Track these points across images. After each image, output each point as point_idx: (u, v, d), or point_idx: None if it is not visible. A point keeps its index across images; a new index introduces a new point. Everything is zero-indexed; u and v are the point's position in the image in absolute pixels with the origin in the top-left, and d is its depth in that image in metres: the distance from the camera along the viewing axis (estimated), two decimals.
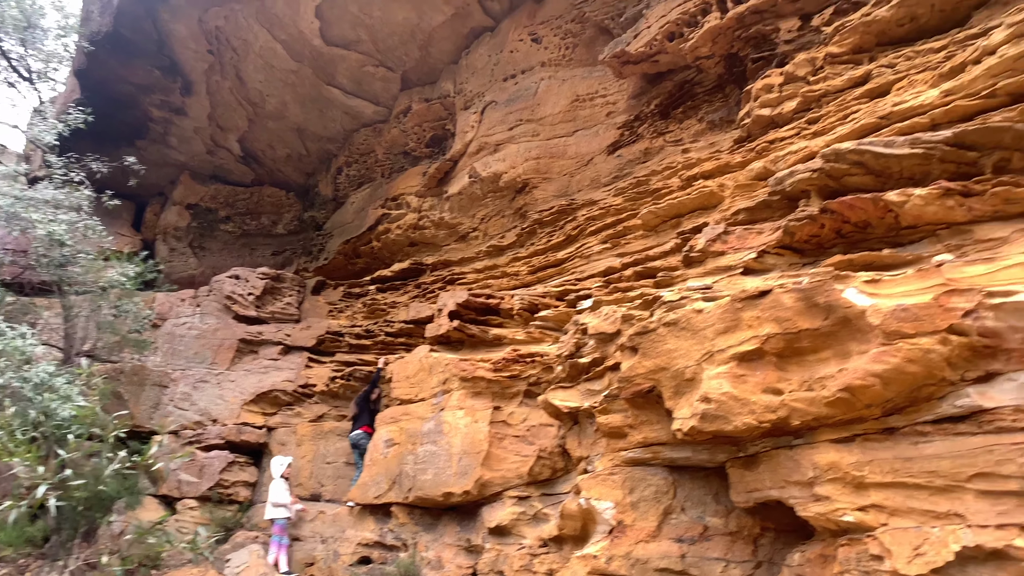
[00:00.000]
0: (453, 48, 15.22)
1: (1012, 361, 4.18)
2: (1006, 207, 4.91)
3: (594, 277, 9.91)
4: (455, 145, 14.55)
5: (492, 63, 14.35)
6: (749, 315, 5.16)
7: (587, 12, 13.04)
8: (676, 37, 10.71)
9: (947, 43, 7.51)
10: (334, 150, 18.61)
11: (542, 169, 12.70)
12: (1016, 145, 5.10)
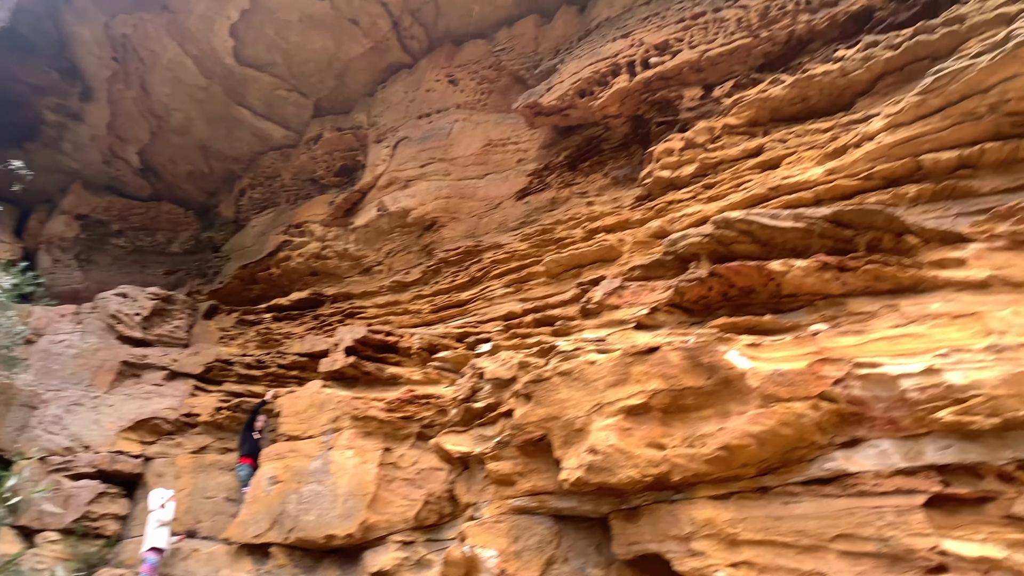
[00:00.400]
0: (369, 80, 15.23)
1: (875, 428, 4.47)
2: (876, 284, 5.28)
3: (495, 321, 9.99)
4: (365, 177, 14.46)
5: (408, 99, 14.43)
6: (638, 370, 5.32)
7: (504, 60, 13.35)
8: (587, 94, 11.09)
9: (833, 125, 8.09)
10: (239, 171, 18.12)
11: (451, 209, 12.78)
12: (887, 227, 5.51)
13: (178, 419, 12.87)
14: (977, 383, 4.18)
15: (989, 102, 6.32)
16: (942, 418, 4.20)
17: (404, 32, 14.17)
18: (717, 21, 10.42)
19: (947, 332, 4.72)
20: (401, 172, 13.56)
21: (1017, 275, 5.09)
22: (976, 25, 7.35)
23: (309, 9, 13.79)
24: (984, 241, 5.46)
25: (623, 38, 11.31)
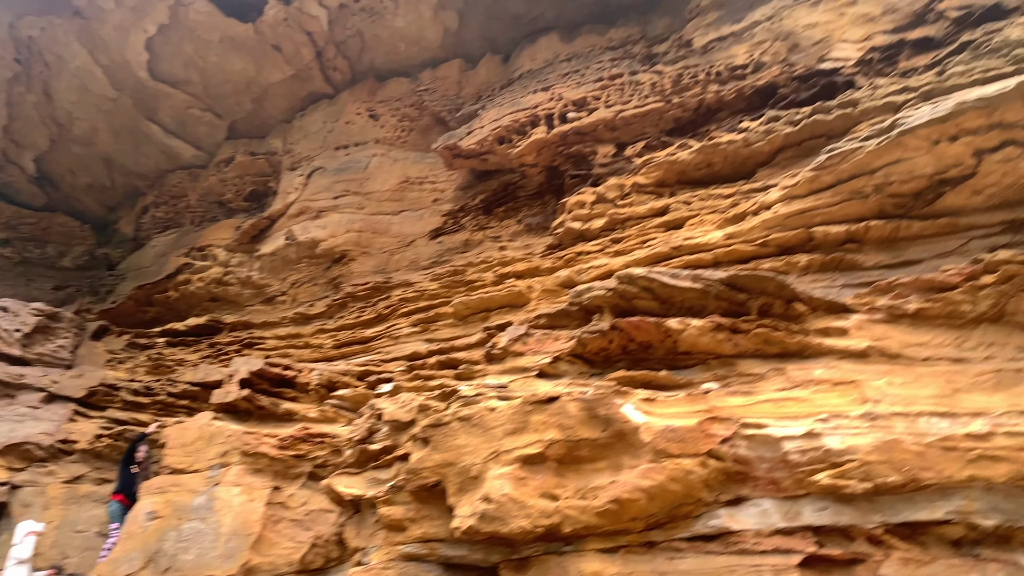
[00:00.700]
0: (288, 107, 15.05)
1: (758, 488, 4.63)
2: (766, 347, 5.52)
3: (399, 360, 9.87)
4: (276, 204, 14.18)
5: (327, 130, 14.31)
6: (537, 419, 5.35)
7: (426, 100, 13.46)
8: (506, 142, 11.29)
9: (734, 192, 8.50)
10: (143, 187, 17.44)
11: (363, 243, 12.65)
12: (778, 293, 5.79)
13: (53, 445, 12.02)
14: (852, 448, 4.41)
15: (875, 183, 6.79)
16: (819, 481, 4.40)
17: (327, 63, 14.12)
18: (633, 84, 10.86)
19: (828, 398, 4.97)
20: (314, 202, 13.36)
21: (893, 347, 5.43)
22: (867, 110, 7.93)
23: (232, 31, 13.58)
24: (865, 313, 5.81)
25: (544, 91, 11.61)
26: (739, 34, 10.76)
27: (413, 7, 13.15)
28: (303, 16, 13.39)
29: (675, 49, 11.57)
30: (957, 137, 6.27)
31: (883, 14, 9.54)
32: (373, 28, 13.58)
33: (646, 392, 5.32)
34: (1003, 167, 6.19)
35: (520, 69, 12.88)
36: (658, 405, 5.19)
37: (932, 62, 8.40)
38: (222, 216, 15.95)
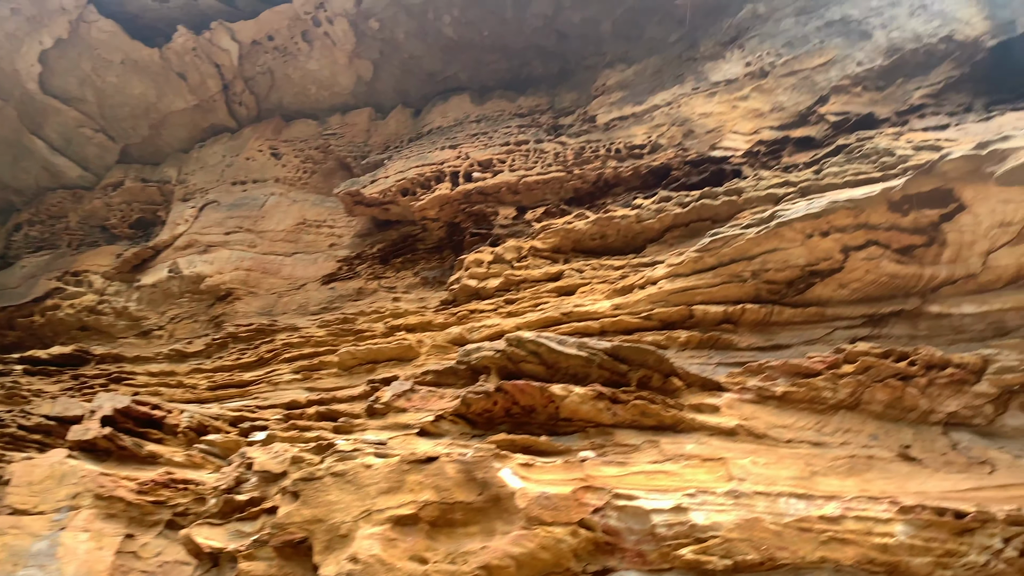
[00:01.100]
0: (188, 137, 14.61)
1: (625, 560, 4.70)
2: (642, 419, 5.68)
3: (276, 408, 9.51)
4: (163, 234, 13.60)
5: (225, 163, 13.95)
6: (413, 479, 5.27)
7: (332, 145, 13.39)
8: (409, 194, 11.33)
9: (624, 264, 8.81)
10: (19, 203, 16.37)
11: (251, 282, 12.28)
12: (657, 367, 5.99)
13: None
14: (716, 525, 4.56)
15: (753, 268, 7.20)
16: (684, 555, 4.51)
17: (234, 97, 13.87)
18: (538, 152, 11.19)
19: (697, 473, 5.14)
20: (203, 236, 12.91)
21: (760, 427, 5.70)
22: (751, 199, 8.44)
23: (136, 54, 13.17)
24: (736, 392, 6.09)
25: (451, 148, 11.78)
26: (640, 116, 11.31)
27: (328, 52, 13.16)
28: (213, 48, 13.15)
29: (580, 123, 12.02)
30: (828, 233, 6.76)
31: (771, 111, 10.27)
32: (285, 68, 13.49)
33: (525, 457, 5.35)
34: (867, 264, 6.70)
35: (430, 124, 13.05)
36: (535, 471, 5.21)
37: (811, 160, 9.08)
38: (104, 241, 15.14)
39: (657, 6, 12.35)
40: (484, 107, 13.10)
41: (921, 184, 6.19)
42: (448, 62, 13.38)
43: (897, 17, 9.66)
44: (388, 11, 12.56)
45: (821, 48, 10.14)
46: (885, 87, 9.60)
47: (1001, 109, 8.65)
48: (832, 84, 9.78)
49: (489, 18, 12.72)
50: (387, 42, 13.04)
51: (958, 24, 9.15)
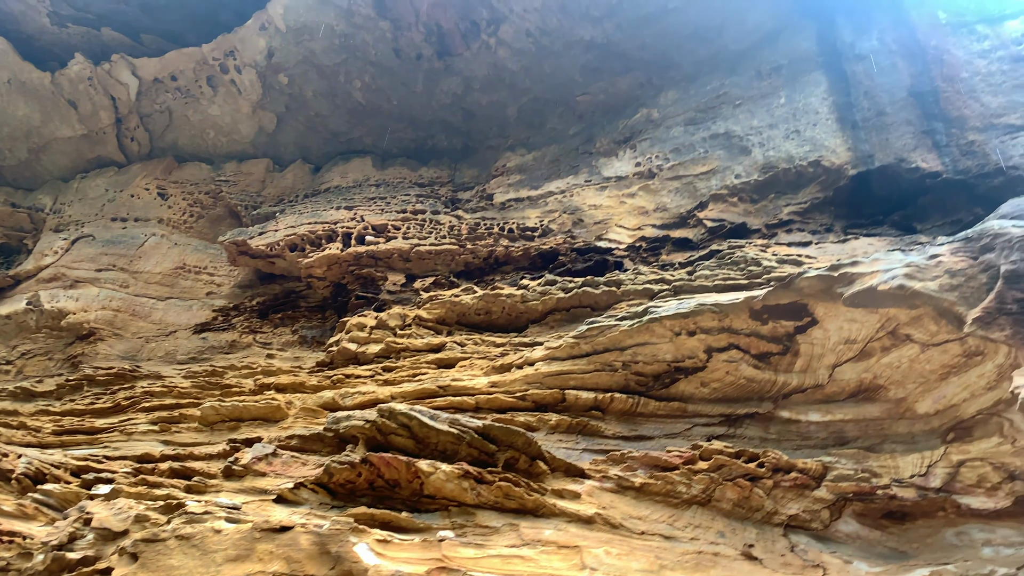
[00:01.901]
0: (70, 166, 13.95)
1: None
2: (505, 501, 5.72)
3: (127, 460, 8.93)
4: (27, 264, 12.78)
5: (107, 198, 13.37)
6: (264, 548, 5.08)
7: (224, 191, 13.11)
8: (297, 249, 11.19)
9: (506, 343, 8.96)
10: None
11: (118, 323, 11.66)
12: (525, 449, 6.08)
13: None
14: None
15: (624, 359, 7.49)
16: None
17: (126, 131, 13.42)
18: (434, 222, 11.35)
19: (552, 560, 5.20)
20: (72, 270, 12.23)
21: (617, 516, 5.85)
22: (628, 291, 8.84)
23: (25, 75, 12.62)
24: (598, 480, 6.25)
25: (347, 209, 11.78)
26: (535, 200, 11.73)
27: (232, 100, 13.02)
28: (111, 80, 12.76)
29: (478, 199, 12.33)
30: (695, 333, 7.15)
31: (655, 210, 10.88)
32: (185, 109, 13.21)
33: (383, 533, 5.27)
34: (727, 366, 7.11)
35: (328, 183, 13.03)
36: (392, 548, 5.14)
37: (687, 261, 9.64)
38: None
39: (560, 99, 12.99)
40: (385, 172, 13.23)
41: (780, 297, 6.69)
42: (354, 125, 13.50)
43: (774, 138, 10.55)
44: (299, 68, 12.61)
45: (705, 157, 10.89)
46: (759, 200, 10.38)
47: (856, 233, 9.52)
48: (712, 192, 10.49)
49: (400, 88, 12.99)
50: (294, 98, 13.04)
51: (826, 151, 10.07)
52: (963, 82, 9.62)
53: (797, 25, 11.37)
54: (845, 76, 10.55)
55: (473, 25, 12.40)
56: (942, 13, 10.33)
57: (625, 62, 12.34)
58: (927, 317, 6.03)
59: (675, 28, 11.75)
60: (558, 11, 11.87)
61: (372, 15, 12.07)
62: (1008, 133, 9.07)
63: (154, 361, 11.27)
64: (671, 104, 11.86)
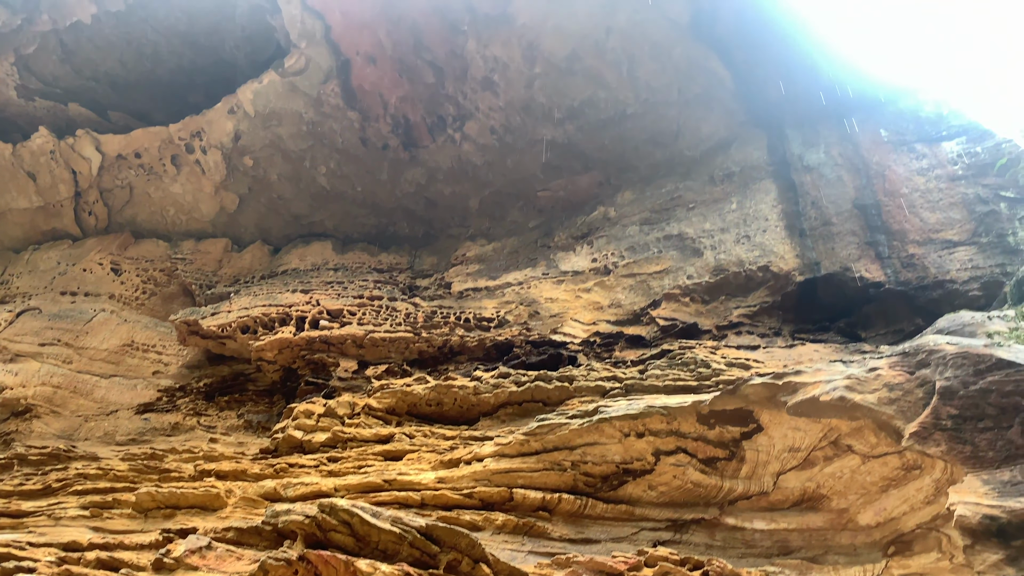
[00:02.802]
0: (23, 237, 13.75)
1: None
2: None
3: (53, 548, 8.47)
4: None
5: (59, 271, 13.14)
6: None
7: (180, 269, 13.00)
8: (249, 331, 11.07)
9: (456, 436, 8.85)
10: None
11: (57, 401, 11.28)
12: (469, 552, 5.94)
13: None
14: None
15: (573, 459, 7.44)
16: None
17: (84, 205, 13.34)
18: (390, 309, 11.36)
19: None
20: (14, 343, 11.88)
21: None
22: (581, 388, 8.86)
23: None
24: None
25: (303, 292, 11.74)
26: (492, 290, 11.84)
27: (195, 179, 13.08)
28: (73, 155, 12.76)
29: (436, 287, 12.41)
30: (643, 435, 7.16)
31: (609, 306, 11.04)
32: (147, 186, 13.22)
33: None
34: (675, 470, 7.10)
35: (287, 265, 13.02)
36: None
37: (639, 359, 9.73)
38: None
39: (521, 193, 13.31)
40: (345, 257, 13.28)
41: (726, 402, 6.77)
42: (316, 208, 13.61)
43: (725, 242, 10.88)
44: (265, 152, 12.78)
45: (659, 257, 11.17)
46: (710, 301, 10.62)
47: (803, 339, 9.76)
48: (665, 291, 10.71)
49: (365, 176, 13.21)
50: (258, 180, 13.15)
51: (774, 257, 10.40)
52: (904, 197, 10.12)
53: (749, 135, 11.92)
54: (794, 185, 11.02)
55: (440, 120, 12.77)
56: (884, 131, 10.95)
57: (585, 162, 12.77)
58: (867, 429, 6.13)
59: (633, 133, 12.24)
60: (521, 111, 12.31)
61: (341, 105, 12.38)
62: (945, 248, 9.51)
63: (92, 441, 10.87)
64: (628, 204, 12.21)
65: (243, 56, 12.83)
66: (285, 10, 11.52)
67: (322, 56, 11.83)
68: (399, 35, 11.76)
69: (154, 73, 13.11)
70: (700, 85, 11.68)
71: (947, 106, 10.83)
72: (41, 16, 11.81)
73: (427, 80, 12.23)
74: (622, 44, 11.38)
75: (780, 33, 11.06)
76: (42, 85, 12.76)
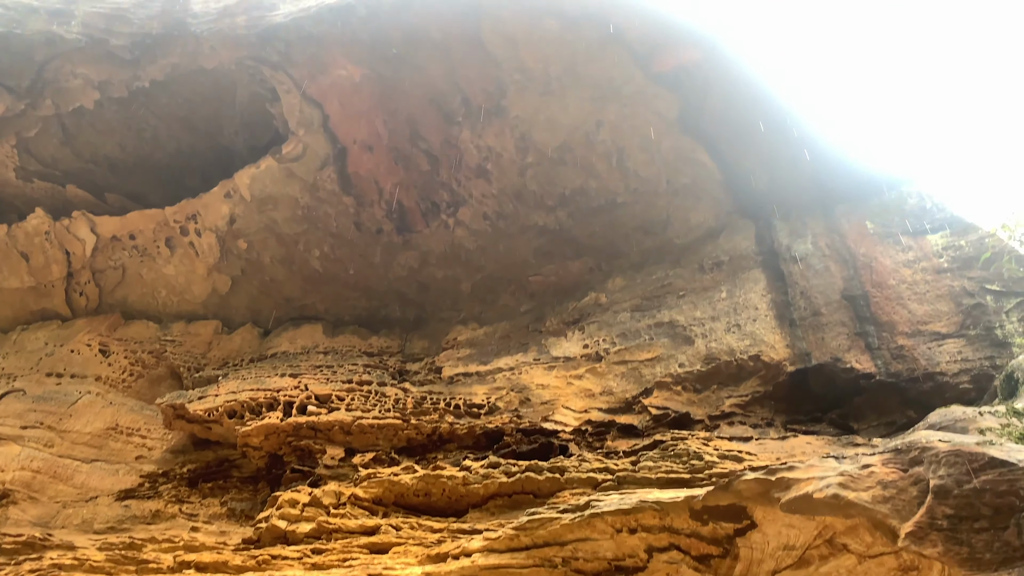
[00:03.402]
0: (12, 316, 13.68)
1: None
2: None
3: None
4: None
5: (46, 351, 13.03)
6: None
7: (169, 351, 12.93)
8: (236, 416, 10.92)
9: (444, 528, 8.65)
10: None
11: (35, 486, 11.01)
12: None
13: None
14: None
15: (564, 555, 7.27)
16: None
17: (76, 286, 13.34)
18: (379, 394, 11.24)
19: None
20: None
21: None
22: (572, 480, 8.72)
23: None
24: None
25: (292, 376, 11.64)
26: (483, 375, 11.77)
27: (188, 261, 13.14)
28: (68, 236, 12.85)
29: (426, 371, 12.33)
30: (635, 531, 7.02)
31: (601, 393, 10.97)
32: (139, 268, 13.27)
33: None
34: (667, 567, 6.94)
35: (276, 348, 12.95)
36: None
37: (631, 449, 9.62)
38: None
39: (513, 278, 13.40)
40: (335, 340, 13.23)
41: (719, 498, 6.66)
42: (308, 291, 13.65)
43: (716, 330, 10.91)
44: (259, 235, 12.90)
45: (650, 344, 11.17)
46: (702, 390, 10.57)
47: (796, 430, 9.69)
48: (657, 379, 10.67)
49: (358, 259, 13.31)
50: (252, 263, 13.23)
51: (765, 346, 10.42)
52: (891, 288, 10.23)
53: (737, 224, 12.13)
54: (782, 275, 11.14)
55: (433, 205, 12.97)
56: (870, 223, 11.16)
57: (576, 248, 12.92)
58: (862, 527, 6.03)
59: (623, 220, 12.45)
60: (514, 198, 12.54)
61: (337, 191, 12.58)
62: (934, 340, 9.56)
63: (69, 529, 10.54)
64: (619, 290, 12.29)
65: (241, 141, 13.12)
66: (285, 99, 11.82)
67: (319, 143, 12.09)
68: (396, 125, 12.06)
69: (152, 156, 13.37)
70: (688, 176, 11.94)
71: (930, 199, 11.08)
72: (45, 102, 12.05)
73: (422, 167, 12.48)
74: (612, 136, 11.70)
75: (765, 126, 11.38)
76: (41, 167, 12.95)
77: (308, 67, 11.52)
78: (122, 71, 11.75)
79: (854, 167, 11.61)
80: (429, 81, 11.55)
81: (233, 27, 11.35)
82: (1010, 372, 8.26)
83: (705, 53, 11.00)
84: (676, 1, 11.01)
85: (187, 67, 11.80)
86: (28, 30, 11.28)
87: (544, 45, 11.01)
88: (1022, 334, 9.06)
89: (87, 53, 11.45)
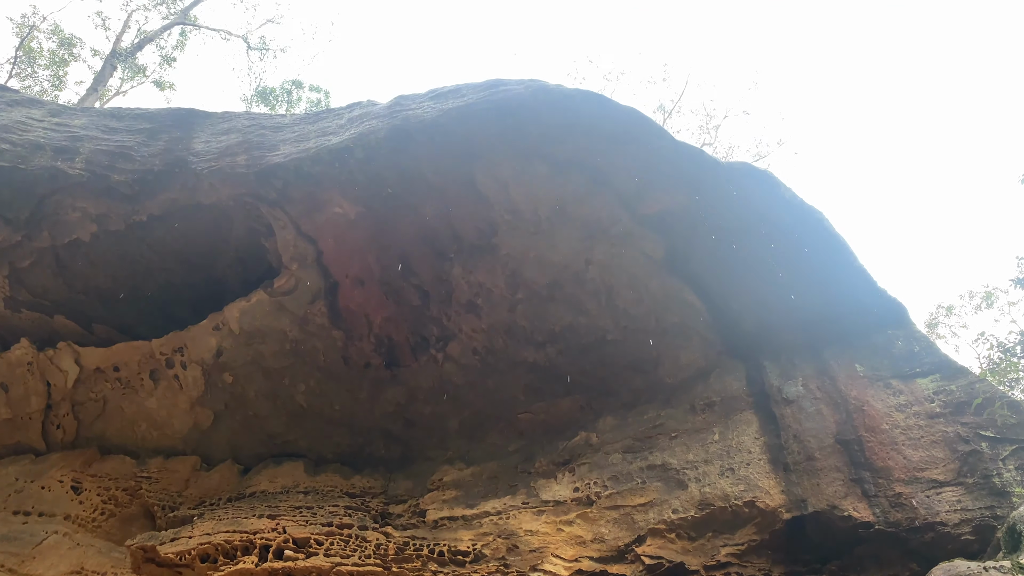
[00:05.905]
0: None
1: None
2: None
3: None
4: None
5: (15, 488, 12.53)
6: None
7: (144, 489, 12.46)
8: (208, 560, 10.41)
9: None
10: None
11: None
12: None
13: None
14: None
15: None
16: None
17: (54, 419, 13.02)
18: (360, 539, 10.77)
19: None
20: None
21: None
22: None
23: None
24: None
25: (270, 518, 11.17)
26: (469, 519, 11.33)
27: (171, 394, 12.91)
28: (51, 367, 12.67)
29: (409, 514, 11.87)
30: None
31: (593, 541, 10.54)
32: (121, 400, 13.00)
33: None
34: None
35: (255, 487, 12.50)
36: None
37: None
38: None
39: (502, 415, 13.16)
40: (316, 479, 12.81)
41: None
42: (292, 427, 13.35)
43: (709, 474, 10.61)
44: (245, 368, 12.74)
45: (643, 488, 10.83)
46: (696, 538, 10.16)
47: None
48: (650, 526, 10.28)
49: (344, 394, 13.10)
50: (236, 397, 13.00)
51: (759, 492, 10.10)
52: (885, 433, 10.04)
53: (727, 365, 12.04)
54: (775, 417, 10.95)
55: (423, 340, 12.92)
56: (859, 366, 11.09)
57: (566, 385, 12.77)
58: None
59: (613, 358, 12.37)
60: (504, 333, 12.51)
61: (326, 324, 12.55)
62: (932, 488, 9.29)
63: None
64: (610, 430, 12.06)
65: (233, 274, 13.18)
66: (280, 235, 11.98)
67: (312, 278, 12.16)
68: (388, 260, 12.19)
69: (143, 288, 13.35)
70: (676, 315, 11.98)
71: (918, 342, 11.06)
72: (42, 233, 12.17)
73: (413, 302, 12.52)
74: (601, 275, 11.82)
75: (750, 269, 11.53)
76: (31, 297, 12.90)
77: (304, 204, 11.74)
78: (121, 206, 11.95)
79: (840, 310, 11.67)
80: (422, 219, 11.77)
81: (234, 165, 11.65)
82: (1012, 524, 7.99)
83: (689, 197, 11.29)
84: (660, 147, 11.41)
85: (185, 202, 12.00)
86: (32, 165, 11.54)
87: (534, 187, 11.31)
88: (1021, 483, 8.84)
89: (88, 188, 11.67)
